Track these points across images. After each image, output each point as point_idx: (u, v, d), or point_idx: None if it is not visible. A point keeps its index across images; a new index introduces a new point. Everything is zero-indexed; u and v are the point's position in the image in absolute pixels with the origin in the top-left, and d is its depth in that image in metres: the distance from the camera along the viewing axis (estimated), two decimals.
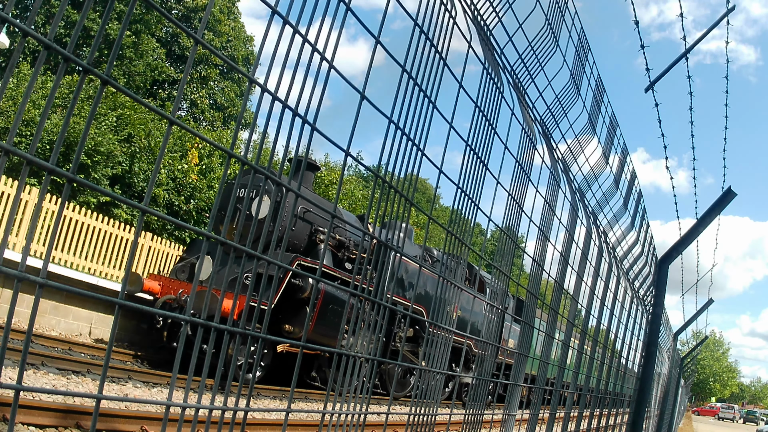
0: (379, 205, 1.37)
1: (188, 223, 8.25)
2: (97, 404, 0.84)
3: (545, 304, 2.79)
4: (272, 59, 0.99)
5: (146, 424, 5.58)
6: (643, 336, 5.25)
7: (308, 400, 9.76)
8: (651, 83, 3.72)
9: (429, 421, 1.77)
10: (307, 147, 1.15)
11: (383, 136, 1.32)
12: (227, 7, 27.24)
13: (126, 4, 21.68)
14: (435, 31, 1.40)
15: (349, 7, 1.12)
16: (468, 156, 1.71)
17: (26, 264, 0.71)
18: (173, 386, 0.95)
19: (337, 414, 1.34)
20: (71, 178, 0.73)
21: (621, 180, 3.63)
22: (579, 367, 3.76)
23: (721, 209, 3.45)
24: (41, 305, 10.37)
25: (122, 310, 0.82)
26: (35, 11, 0.82)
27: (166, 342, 9.47)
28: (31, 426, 4.83)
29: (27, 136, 13.72)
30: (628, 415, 4.81)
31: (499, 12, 1.78)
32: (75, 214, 12.67)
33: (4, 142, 0.68)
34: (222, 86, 27.70)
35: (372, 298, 1.37)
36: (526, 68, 2.08)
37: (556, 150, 2.66)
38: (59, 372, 6.97)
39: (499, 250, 2.20)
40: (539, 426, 3.00)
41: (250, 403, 1.61)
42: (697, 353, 19.46)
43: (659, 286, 3.81)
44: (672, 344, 9.61)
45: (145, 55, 23.79)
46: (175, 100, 1.39)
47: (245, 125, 31.12)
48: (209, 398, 1.14)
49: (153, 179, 0.90)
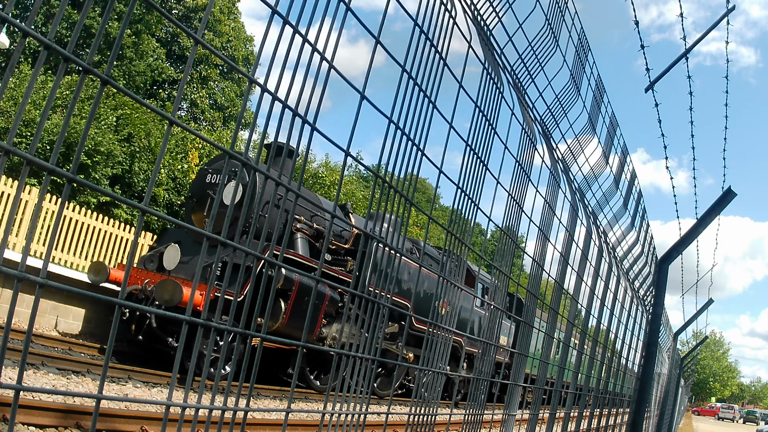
0: (379, 205, 1.37)
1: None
2: (97, 404, 0.84)
3: (545, 304, 2.79)
4: (272, 59, 1.00)
5: (146, 424, 5.58)
6: (643, 336, 5.24)
7: (308, 400, 9.76)
8: (651, 83, 3.72)
9: (429, 421, 1.77)
10: (307, 147, 1.15)
11: (383, 136, 1.32)
12: (227, 7, 27.23)
13: (126, 4, 21.69)
14: (435, 32, 1.40)
15: (348, 7, 1.12)
16: (468, 156, 1.71)
17: (26, 264, 0.71)
18: (173, 386, 0.95)
19: (337, 414, 1.34)
20: (71, 178, 0.73)
21: (621, 180, 3.63)
22: (579, 367, 3.76)
23: (721, 209, 3.45)
24: (41, 305, 10.36)
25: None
26: (35, 11, 0.82)
27: (134, 335, 9.07)
28: (31, 426, 4.83)
29: (27, 136, 13.72)
30: (628, 415, 4.81)
31: (499, 12, 1.78)
32: (75, 214, 12.67)
33: (4, 142, 0.68)
34: (222, 86, 27.69)
35: (371, 297, 1.38)
36: (526, 68, 2.08)
37: (556, 150, 2.66)
38: (59, 372, 6.97)
39: (499, 250, 2.20)
40: (539, 426, 3.00)
41: (250, 403, 1.61)
42: (697, 353, 19.47)
43: (659, 286, 3.81)
44: (672, 344, 9.61)
45: (145, 55, 23.79)
46: (175, 100, 1.39)
47: (245, 125, 31.12)
48: (209, 398, 1.14)
49: (153, 179, 0.90)
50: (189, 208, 10.15)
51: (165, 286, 7.91)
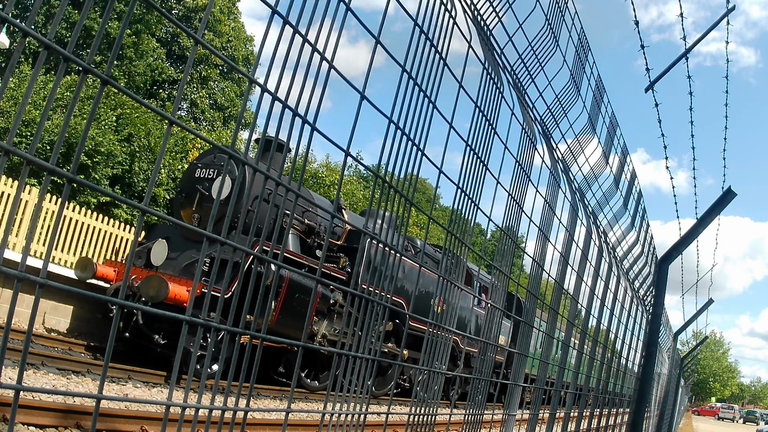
0: (379, 205, 1.37)
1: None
2: (97, 404, 0.84)
3: (545, 304, 2.79)
4: (272, 59, 1.00)
5: (146, 424, 5.58)
6: (643, 336, 5.24)
7: (308, 400, 9.76)
8: (651, 83, 3.72)
9: (429, 421, 1.77)
10: (307, 147, 1.15)
11: (383, 136, 1.32)
12: (227, 7, 27.24)
13: (126, 4, 21.69)
14: (435, 31, 1.40)
15: (348, 7, 1.12)
16: (468, 156, 1.71)
17: (26, 264, 0.71)
18: (173, 386, 0.95)
19: (337, 414, 1.34)
20: (71, 178, 0.73)
21: (621, 180, 3.63)
22: (579, 367, 3.76)
23: (721, 209, 3.45)
24: (41, 305, 10.36)
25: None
26: (35, 11, 0.82)
27: (121, 332, 8.95)
28: (31, 426, 4.83)
29: (27, 137, 13.72)
30: (628, 415, 4.81)
31: (499, 12, 1.78)
32: (75, 214, 12.67)
33: (4, 142, 0.68)
34: (222, 86, 27.69)
35: (368, 296, 1.38)
36: (526, 68, 2.08)
37: (556, 150, 2.66)
38: (59, 372, 6.97)
39: (499, 250, 2.20)
40: (539, 426, 3.00)
41: (250, 403, 1.61)
42: (697, 353, 19.46)
43: (659, 286, 3.81)
44: (672, 344, 9.61)
45: (145, 55, 23.79)
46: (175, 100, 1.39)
47: (245, 125, 31.12)
48: (209, 398, 1.14)
49: (153, 179, 0.90)
50: (178, 203, 9.86)
51: (150, 282, 7.77)
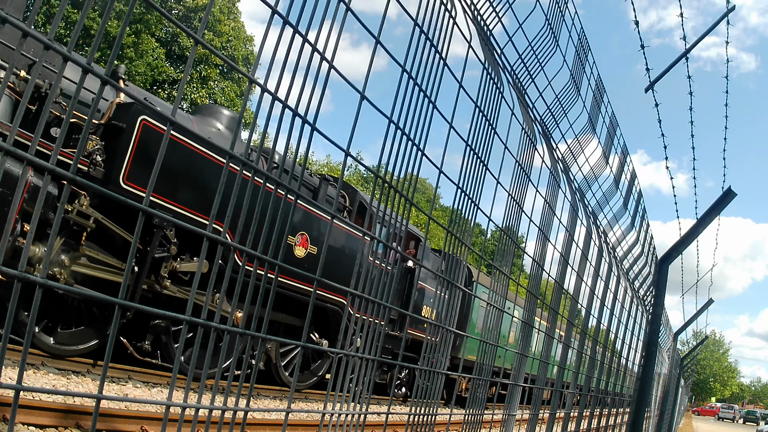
0: (379, 205, 1.37)
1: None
2: (97, 404, 0.84)
3: (545, 304, 2.79)
4: (272, 59, 1.00)
5: (146, 424, 5.58)
6: (643, 336, 5.25)
7: (308, 400, 9.76)
8: (651, 83, 3.72)
9: (429, 421, 1.77)
10: (307, 147, 1.15)
11: (383, 137, 1.32)
12: (227, 7, 27.25)
13: (126, 4, 21.69)
14: (435, 32, 1.40)
15: (349, 7, 1.12)
16: (468, 156, 1.71)
17: (26, 264, 0.71)
18: (173, 386, 0.95)
19: (337, 414, 1.34)
20: (71, 178, 0.73)
21: (621, 180, 3.63)
22: (579, 367, 3.76)
23: (721, 209, 3.45)
24: None
25: None
26: (35, 11, 0.82)
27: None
28: (31, 426, 4.83)
29: None
30: (628, 415, 4.81)
31: (499, 12, 1.78)
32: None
33: (4, 142, 0.68)
34: (222, 86, 27.69)
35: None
36: (526, 68, 2.08)
37: (556, 150, 2.66)
38: (59, 372, 6.97)
39: (499, 250, 2.20)
40: (539, 426, 3.00)
41: (250, 403, 1.61)
42: (697, 353, 19.47)
43: (659, 286, 3.81)
44: (672, 344, 9.61)
45: (145, 55, 23.80)
46: (175, 100, 1.39)
47: (245, 125, 31.13)
48: (209, 398, 1.14)
49: (153, 179, 0.90)
50: None
51: None
